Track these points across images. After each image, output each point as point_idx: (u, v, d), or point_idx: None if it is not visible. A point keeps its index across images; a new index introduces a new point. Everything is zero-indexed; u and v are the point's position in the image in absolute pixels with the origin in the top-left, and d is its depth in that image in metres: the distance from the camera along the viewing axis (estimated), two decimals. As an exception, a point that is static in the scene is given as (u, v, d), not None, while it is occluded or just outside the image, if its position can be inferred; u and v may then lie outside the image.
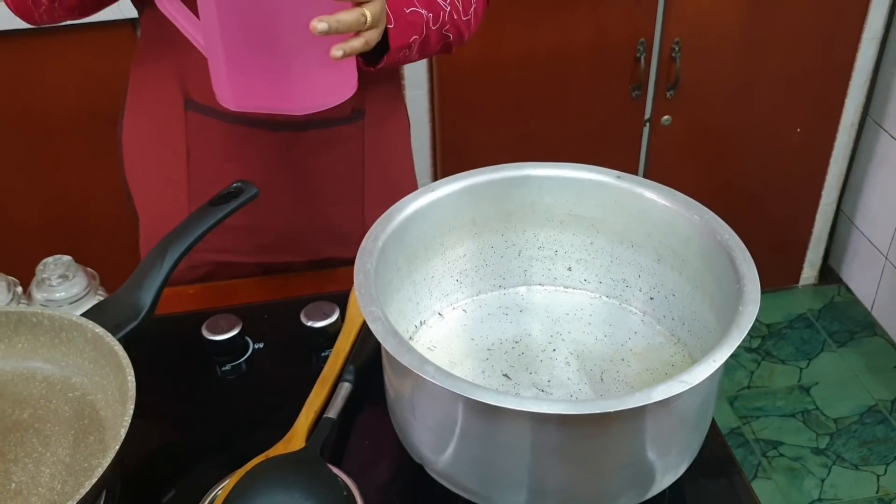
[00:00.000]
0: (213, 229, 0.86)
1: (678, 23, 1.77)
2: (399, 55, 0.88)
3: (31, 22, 0.93)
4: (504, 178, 0.81)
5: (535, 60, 1.76)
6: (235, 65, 0.75)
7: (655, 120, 1.90)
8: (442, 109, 1.79)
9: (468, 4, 0.95)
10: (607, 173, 0.79)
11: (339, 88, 0.78)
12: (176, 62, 0.97)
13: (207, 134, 0.98)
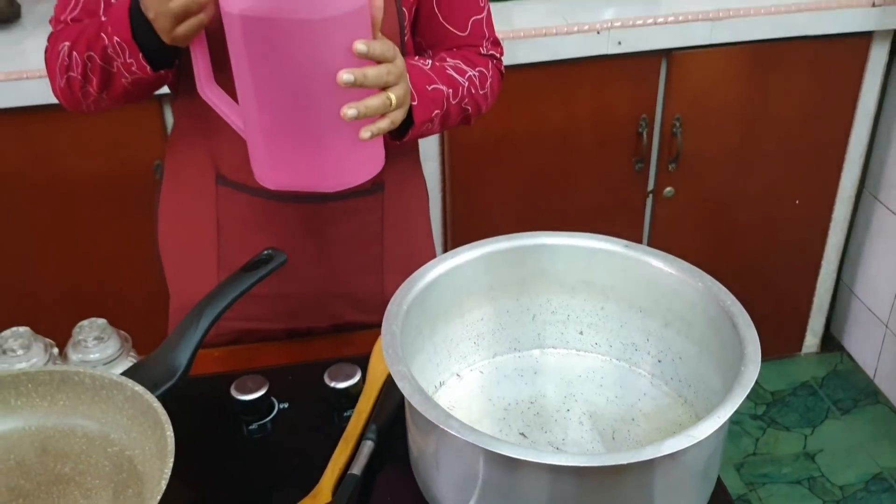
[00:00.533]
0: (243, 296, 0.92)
1: (678, 100, 1.85)
2: (422, 128, 0.95)
3: (77, 111, 1.00)
4: (519, 246, 0.86)
5: (541, 135, 1.84)
6: (272, 147, 0.82)
7: (658, 191, 1.96)
8: (453, 181, 1.86)
9: (484, 79, 1.02)
10: (616, 242, 0.85)
11: (367, 167, 0.85)
12: (209, 142, 1.03)
13: (237, 207, 1.04)
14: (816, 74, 1.88)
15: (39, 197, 1.72)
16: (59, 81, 0.96)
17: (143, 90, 0.95)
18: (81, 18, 0.96)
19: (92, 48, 0.91)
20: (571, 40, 1.74)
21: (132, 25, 0.86)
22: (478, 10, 1.04)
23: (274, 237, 1.04)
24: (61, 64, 0.94)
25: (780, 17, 1.77)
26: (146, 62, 0.88)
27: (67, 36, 0.94)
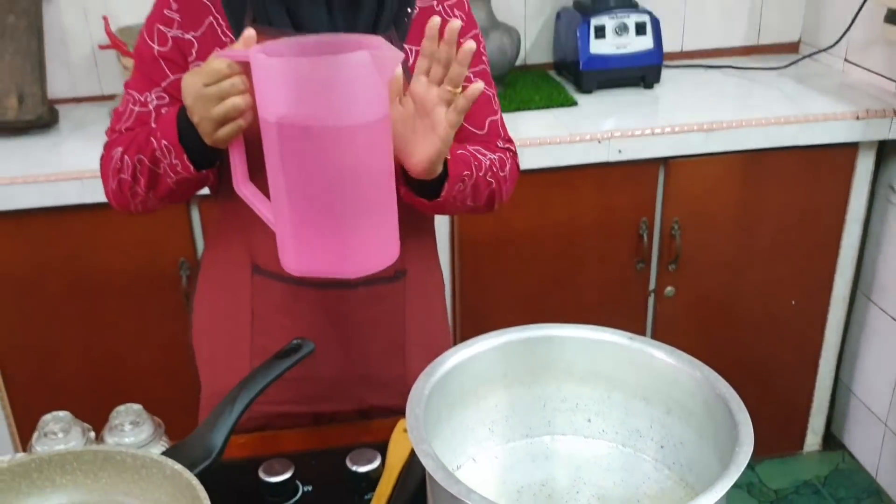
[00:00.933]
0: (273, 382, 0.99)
1: (676, 204, 1.95)
2: (456, 187, 1.03)
3: (125, 211, 1.10)
4: (531, 337, 0.94)
5: (547, 234, 1.93)
6: (299, 238, 0.90)
7: (659, 291, 2.04)
8: (463, 275, 1.95)
9: (503, 164, 1.12)
10: (621, 335, 0.92)
11: (383, 257, 0.93)
12: (245, 235, 1.12)
13: (271, 295, 1.12)
14: (807, 181, 1.99)
15: (73, 290, 1.81)
16: (111, 183, 1.06)
17: (186, 190, 1.05)
18: (134, 128, 1.07)
19: (142, 152, 1.01)
20: (575, 148, 1.85)
21: (179, 129, 0.96)
22: (493, 112, 1.16)
23: (304, 322, 1.12)
24: (114, 167, 1.04)
25: (769, 129, 1.89)
26: (190, 162, 0.98)
27: (121, 143, 1.05)
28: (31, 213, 1.73)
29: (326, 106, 0.82)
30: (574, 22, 2.09)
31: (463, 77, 0.91)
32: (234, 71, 0.87)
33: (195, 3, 1.06)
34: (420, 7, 1.10)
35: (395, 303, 1.16)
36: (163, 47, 1.06)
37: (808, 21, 2.35)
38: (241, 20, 1.04)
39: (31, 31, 1.91)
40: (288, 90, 0.82)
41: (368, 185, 0.87)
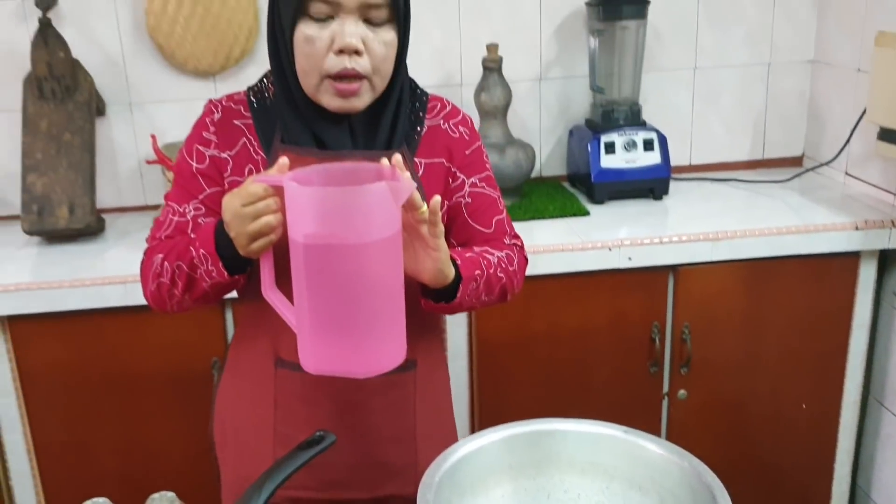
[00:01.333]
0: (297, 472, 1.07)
1: (686, 309, 2.03)
2: (469, 287, 1.14)
3: (162, 311, 1.21)
4: (535, 430, 1.02)
5: (561, 337, 2.01)
6: (318, 340, 1.01)
7: (672, 394, 2.10)
8: (480, 376, 2.02)
9: (511, 259, 1.24)
10: (617, 428, 1.00)
11: (392, 359, 1.03)
12: (270, 332, 1.23)
13: (292, 385, 1.22)
14: (811, 289, 2.06)
15: (111, 386, 1.92)
16: (151, 286, 1.18)
17: (219, 293, 1.16)
18: (173, 236, 1.19)
19: (181, 259, 1.13)
20: (587, 255, 1.95)
21: (216, 241, 1.09)
22: (499, 212, 1.28)
23: (323, 411, 1.21)
24: (154, 271, 1.16)
25: (772, 238, 1.99)
26: (224, 269, 1.09)
27: (161, 250, 1.17)
28: (77, 314, 1.85)
29: (347, 227, 0.94)
30: (585, 138, 2.23)
31: (420, 200, 1.02)
32: (268, 194, 1.00)
33: (230, 126, 1.20)
34: (429, 126, 1.24)
35: (406, 392, 1.25)
36: (201, 164, 1.19)
37: (810, 136, 2.47)
38: (271, 141, 1.18)
39: (85, 147, 2.08)
40: (314, 214, 0.95)
41: (381, 294, 0.98)
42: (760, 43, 2.41)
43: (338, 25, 1.10)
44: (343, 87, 1.11)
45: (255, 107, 1.20)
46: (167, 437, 1.95)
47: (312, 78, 1.12)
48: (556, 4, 2.31)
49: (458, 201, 1.25)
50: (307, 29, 1.10)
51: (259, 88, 1.22)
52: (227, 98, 1.23)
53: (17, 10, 2.15)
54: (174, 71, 2.23)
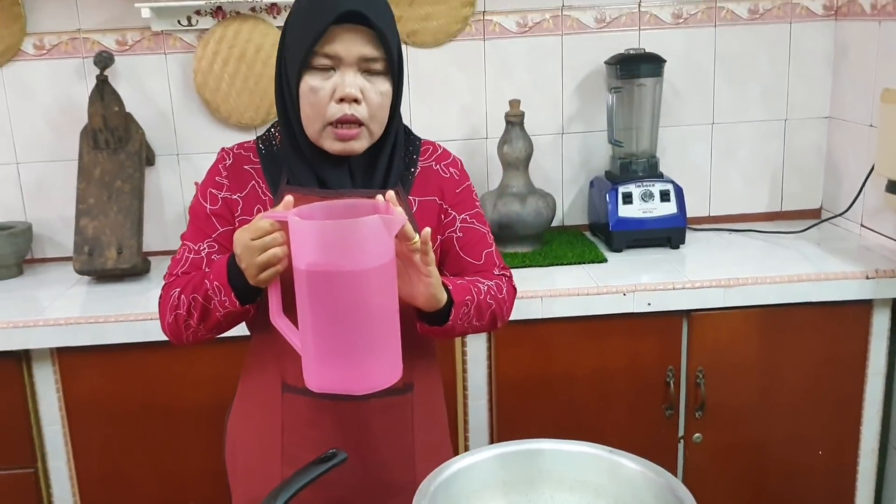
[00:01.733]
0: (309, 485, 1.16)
1: (700, 354, 2.09)
2: (461, 312, 1.23)
3: (178, 342, 1.31)
4: (526, 449, 1.10)
5: (578, 379, 2.09)
6: (320, 360, 1.10)
7: (688, 437, 2.15)
8: (499, 416, 2.10)
9: (500, 288, 1.34)
10: (602, 448, 1.08)
11: (389, 377, 1.12)
12: (277, 359, 1.33)
13: (298, 409, 1.32)
14: (824, 336, 2.11)
15: (151, 417, 2.04)
16: (168, 318, 1.29)
17: (231, 322, 1.27)
18: (189, 272, 1.31)
19: (196, 291, 1.24)
20: (603, 299, 2.04)
21: (228, 273, 1.20)
22: (488, 245, 1.40)
23: (327, 433, 1.31)
24: (172, 304, 1.27)
25: (784, 286, 2.05)
26: (236, 299, 1.20)
27: (178, 285, 1.28)
28: (120, 347, 1.98)
29: (345, 256, 1.05)
30: (604, 189, 2.33)
31: (413, 232, 1.13)
32: (275, 228, 1.12)
33: (241, 171, 1.33)
34: (422, 167, 1.36)
35: (405, 413, 1.34)
36: (214, 206, 1.32)
37: (827, 189, 2.54)
38: (278, 184, 1.30)
39: (134, 194, 2.24)
40: (315, 245, 1.06)
41: (377, 317, 1.08)
42: (777, 100, 2.50)
43: (339, 77, 1.23)
44: (343, 132, 1.24)
45: (263, 153, 1.33)
46: (202, 467, 2.05)
47: (316, 124, 1.25)
48: (577, 63, 2.44)
49: (451, 236, 1.37)
50: (312, 80, 1.24)
51: (267, 137, 1.36)
52: (238, 146, 1.36)
53: (78, 69, 2.35)
54: (218, 124, 2.40)
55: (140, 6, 2.21)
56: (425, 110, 2.43)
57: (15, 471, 2.05)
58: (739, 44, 2.46)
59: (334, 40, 1.22)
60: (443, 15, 2.37)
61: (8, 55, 2.32)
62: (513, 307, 1.39)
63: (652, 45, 2.40)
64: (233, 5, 2.31)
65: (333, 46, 1.22)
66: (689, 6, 2.43)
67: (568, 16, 2.41)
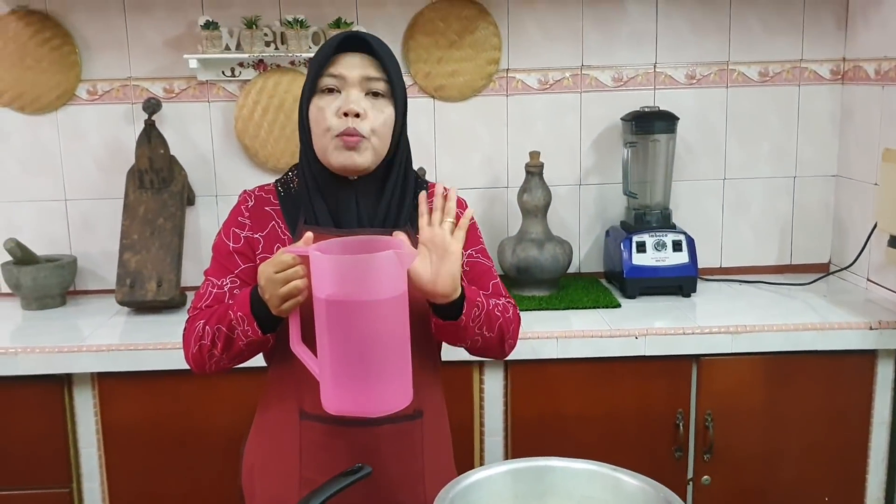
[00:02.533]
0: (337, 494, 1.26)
1: (709, 398, 2.17)
2: (473, 311, 1.32)
3: (201, 372, 1.40)
4: (536, 466, 1.20)
5: (589, 418, 2.17)
6: (337, 385, 1.20)
7: (697, 479, 2.22)
8: (514, 452, 2.18)
9: (507, 309, 1.43)
10: (606, 466, 1.18)
11: (400, 402, 1.21)
12: (295, 388, 1.42)
13: (315, 434, 1.41)
14: (830, 384, 2.18)
15: (184, 442, 2.14)
16: (193, 348, 1.37)
17: (252, 351, 1.36)
18: (212, 305, 1.40)
19: (221, 322, 1.33)
20: (615, 342, 2.13)
21: (252, 303, 1.29)
22: (494, 277, 1.50)
23: (342, 456, 1.39)
24: (196, 335, 1.36)
25: (790, 334, 2.14)
26: (259, 328, 1.30)
27: (202, 317, 1.37)
28: (157, 374, 2.10)
29: (361, 287, 1.15)
30: (619, 237, 2.45)
31: (454, 210, 1.28)
32: (296, 262, 1.22)
33: (262, 211, 1.44)
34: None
35: (415, 438, 1.43)
36: (236, 244, 1.42)
37: (836, 244, 2.64)
38: (296, 223, 1.41)
39: (175, 231, 2.38)
40: (333, 277, 1.16)
41: (389, 344, 1.18)
42: (786, 158, 2.62)
43: (343, 96, 1.36)
44: (347, 138, 1.35)
45: (282, 195, 1.44)
46: (234, 494, 2.14)
47: (323, 139, 1.36)
48: (595, 118, 2.58)
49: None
50: (320, 101, 1.37)
51: (285, 180, 1.46)
52: (259, 189, 1.47)
53: (127, 113, 2.51)
54: (256, 168, 2.55)
55: (188, 57, 2.38)
56: (450, 160, 2.57)
57: (51, 490, 2.15)
58: (750, 104, 2.59)
59: (338, 63, 1.36)
60: (469, 72, 2.52)
61: (63, 99, 2.50)
62: (518, 333, 1.48)
63: (666, 103, 2.54)
64: (273, 59, 2.47)
65: (337, 68, 1.36)
66: (702, 68, 2.57)
67: (587, 75, 2.56)
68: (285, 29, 2.42)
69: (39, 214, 2.56)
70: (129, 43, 2.49)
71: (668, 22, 2.55)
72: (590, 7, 2.53)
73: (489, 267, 1.50)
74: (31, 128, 2.52)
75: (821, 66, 2.58)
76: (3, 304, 2.51)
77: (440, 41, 2.50)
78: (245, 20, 2.41)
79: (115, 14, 2.47)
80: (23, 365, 2.07)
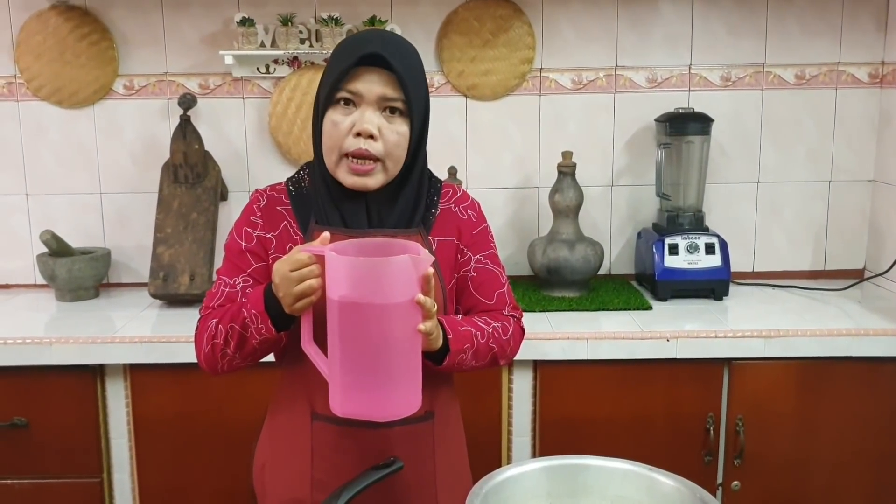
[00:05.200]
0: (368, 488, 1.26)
1: (740, 402, 2.15)
2: (458, 357, 1.33)
3: (213, 372, 1.40)
4: (570, 464, 1.19)
5: (619, 421, 2.15)
6: (346, 387, 1.19)
7: (727, 484, 2.19)
8: (542, 453, 2.17)
9: (506, 329, 1.43)
10: (640, 465, 1.17)
11: (408, 406, 1.21)
12: (306, 389, 1.41)
13: (326, 436, 1.40)
14: (864, 392, 2.15)
15: (214, 435, 2.15)
16: (205, 348, 1.37)
17: (265, 350, 1.36)
18: (224, 304, 1.39)
19: (234, 320, 1.32)
20: (646, 344, 2.12)
21: (266, 301, 1.29)
22: (500, 286, 1.48)
23: (354, 458, 1.38)
24: (209, 334, 1.36)
25: (824, 339, 2.11)
26: (273, 326, 1.29)
27: (214, 316, 1.37)
28: (188, 366, 2.11)
29: (374, 290, 1.15)
30: (651, 239, 2.43)
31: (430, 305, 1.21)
32: (312, 261, 1.22)
33: (274, 211, 1.43)
34: (442, 209, 1.46)
35: (426, 440, 1.43)
36: (249, 244, 1.41)
37: (871, 251, 2.60)
38: (308, 223, 1.40)
39: (208, 225, 2.40)
40: (348, 278, 1.15)
41: (399, 349, 1.17)
42: (821, 162, 2.59)
43: (359, 114, 1.33)
44: (357, 167, 1.33)
45: (293, 194, 1.43)
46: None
47: (333, 155, 1.35)
48: (628, 119, 2.56)
49: (465, 274, 1.46)
50: (334, 115, 1.34)
51: (297, 179, 1.46)
52: (270, 188, 1.46)
53: (163, 109, 2.54)
54: (288, 165, 2.56)
55: (224, 54, 2.40)
56: (481, 159, 2.57)
57: (82, 479, 2.18)
58: (786, 107, 2.56)
59: (357, 79, 1.32)
60: (502, 71, 2.52)
61: (100, 94, 2.53)
62: (518, 348, 1.48)
63: (701, 105, 2.52)
64: (308, 56, 2.49)
65: (355, 84, 1.32)
66: (737, 70, 2.55)
67: (621, 75, 2.55)
68: (320, 26, 2.43)
69: (75, 207, 2.59)
70: (165, 39, 2.51)
71: (703, 23, 2.53)
72: (625, 7, 2.52)
73: (497, 274, 1.49)
74: (69, 122, 2.55)
75: (859, 69, 2.54)
76: (38, 295, 2.55)
77: (474, 40, 2.50)
78: (280, 17, 2.42)
79: (152, 10, 2.50)
80: (56, 355, 2.09)
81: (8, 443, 2.14)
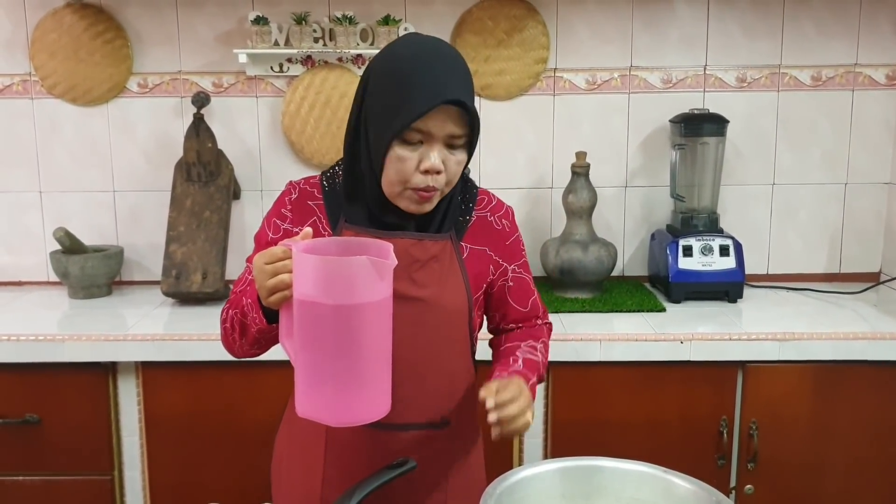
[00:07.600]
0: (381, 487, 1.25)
1: (754, 406, 2.14)
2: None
3: (233, 355, 1.41)
4: (584, 465, 1.18)
5: (632, 423, 2.14)
6: (307, 389, 1.15)
7: (740, 488, 2.18)
8: (553, 454, 2.16)
9: (546, 348, 1.49)
10: (655, 468, 1.16)
11: (373, 412, 1.16)
12: None
13: (341, 436, 1.40)
14: (879, 396, 2.13)
15: (225, 433, 2.15)
16: (222, 332, 1.39)
17: (265, 340, 1.32)
18: (245, 291, 1.37)
19: (238, 308, 1.33)
20: (659, 346, 2.10)
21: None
22: (532, 293, 1.52)
23: (366, 459, 1.38)
24: (223, 319, 1.37)
25: (839, 343, 2.09)
26: (264, 317, 1.27)
27: (232, 302, 1.37)
28: (200, 364, 2.12)
29: (329, 290, 1.10)
30: (665, 241, 2.42)
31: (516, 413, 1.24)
32: (286, 255, 1.18)
33: (304, 205, 1.42)
34: (476, 216, 1.45)
35: (440, 447, 1.42)
36: (276, 235, 1.41)
37: (887, 254, 2.58)
38: (338, 220, 1.39)
39: (221, 224, 2.40)
40: (305, 276, 1.12)
41: (357, 353, 1.12)
42: (837, 164, 2.57)
43: (425, 150, 1.29)
44: (424, 194, 1.32)
45: (326, 190, 1.42)
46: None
47: (397, 187, 1.32)
48: (643, 120, 2.55)
49: (502, 284, 1.48)
50: (401, 151, 1.29)
51: (331, 174, 1.43)
52: (305, 181, 1.45)
53: (176, 107, 2.54)
54: (301, 164, 2.56)
55: (238, 52, 2.40)
56: (494, 160, 2.56)
57: (93, 476, 2.18)
58: (802, 109, 2.54)
59: (429, 119, 1.28)
60: (516, 71, 2.51)
61: (114, 92, 2.53)
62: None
63: (716, 106, 2.50)
64: (322, 55, 2.49)
65: (427, 124, 1.28)
66: (752, 71, 2.53)
67: (636, 76, 2.53)
68: (334, 25, 2.42)
69: (88, 205, 2.59)
70: (179, 37, 2.52)
71: (719, 24, 2.52)
72: (640, 8, 2.51)
73: (528, 281, 1.51)
74: (83, 119, 2.56)
75: (876, 70, 2.52)
76: (50, 292, 2.55)
77: (488, 40, 2.49)
78: (294, 16, 2.42)
79: (166, 8, 2.50)
80: (69, 352, 2.09)
81: (20, 439, 2.15)
